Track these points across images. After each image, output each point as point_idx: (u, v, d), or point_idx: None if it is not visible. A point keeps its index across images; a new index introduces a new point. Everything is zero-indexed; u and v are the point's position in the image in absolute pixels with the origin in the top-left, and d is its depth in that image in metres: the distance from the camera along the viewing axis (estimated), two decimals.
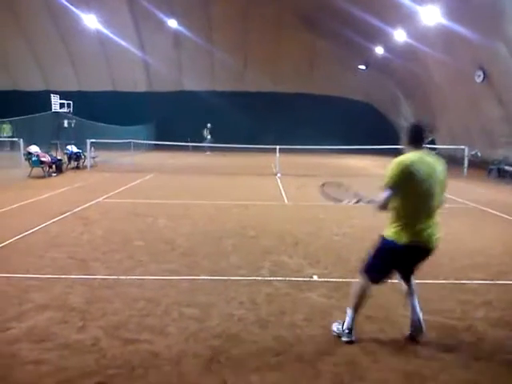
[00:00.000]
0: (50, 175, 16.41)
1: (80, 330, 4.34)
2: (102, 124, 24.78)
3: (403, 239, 3.88)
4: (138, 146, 27.18)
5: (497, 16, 16.42)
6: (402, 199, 3.88)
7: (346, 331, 4.17)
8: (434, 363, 3.90)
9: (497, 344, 4.28)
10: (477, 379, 3.70)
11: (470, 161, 19.97)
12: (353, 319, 4.16)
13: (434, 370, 3.79)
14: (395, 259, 4.03)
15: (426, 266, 6.42)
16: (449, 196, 13.32)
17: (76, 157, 19.43)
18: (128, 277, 5.82)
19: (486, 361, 3.97)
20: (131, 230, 8.45)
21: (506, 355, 4.08)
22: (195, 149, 29.59)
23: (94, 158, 20.58)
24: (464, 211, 11.17)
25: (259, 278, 5.89)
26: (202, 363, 3.80)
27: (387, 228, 4.02)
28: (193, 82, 35.53)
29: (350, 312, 4.19)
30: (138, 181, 15.69)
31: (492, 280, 5.98)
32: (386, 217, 4.07)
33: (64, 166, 18.16)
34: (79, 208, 10.37)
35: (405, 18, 20.76)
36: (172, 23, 31.45)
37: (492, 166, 19.51)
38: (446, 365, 3.87)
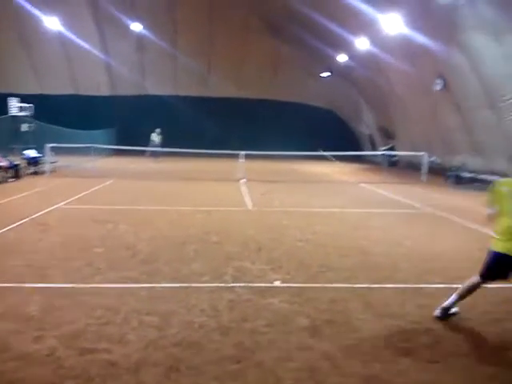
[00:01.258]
0: (6, 180, 15.95)
1: (36, 340, 4.23)
2: (64, 128, 24.22)
3: (499, 249, 4.62)
4: (99, 151, 26.69)
5: (453, 24, 16.93)
6: (499, 215, 4.68)
7: (442, 310, 4.91)
8: (392, 366, 3.96)
9: (454, 346, 4.39)
10: (434, 381, 3.79)
11: (429, 167, 20.45)
12: (454, 303, 4.89)
13: (392, 373, 3.86)
14: (496, 265, 4.68)
15: (385, 270, 6.57)
16: (407, 201, 13.63)
17: (34, 162, 18.94)
18: (86, 285, 5.70)
19: (443, 363, 4.06)
20: (91, 236, 8.29)
21: (463, 357, 4.19)
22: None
23: (53, 162, 20.09)
24: (421, 216, 11.42)
25: (221, 285, 5.86)
26: (161, 372, 3.76)
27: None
28: (156, 86, 35.17)
29: (454, 296, 4.89)
30: (99, 186, 15.40)
31: (449, 284, 6.11)
32: (345, 224, 4.12)
33: (22, 171, 17.67)
34: (37, 214, 10.10)
35: (367, 27, 21.12)
36: (136, 27, 31.04)
37: (450, 173, 20.00)
38: (403, 368, 3.95)
